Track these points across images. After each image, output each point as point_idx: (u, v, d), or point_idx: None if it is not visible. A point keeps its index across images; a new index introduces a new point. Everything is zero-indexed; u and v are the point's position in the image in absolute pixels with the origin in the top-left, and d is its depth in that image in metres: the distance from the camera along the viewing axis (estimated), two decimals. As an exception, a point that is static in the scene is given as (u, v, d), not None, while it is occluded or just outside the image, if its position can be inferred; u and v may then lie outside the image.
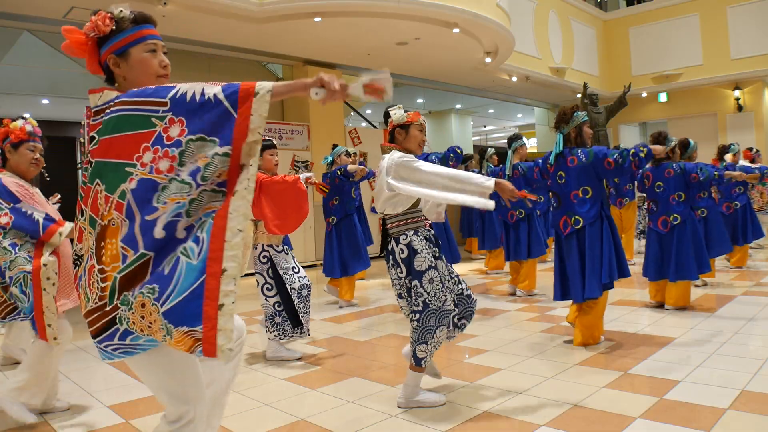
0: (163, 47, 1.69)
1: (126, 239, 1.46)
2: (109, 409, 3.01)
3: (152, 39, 1.67)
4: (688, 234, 4.59)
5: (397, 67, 10.18)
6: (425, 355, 2.77)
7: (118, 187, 1.47)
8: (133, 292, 1.43)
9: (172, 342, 1.38)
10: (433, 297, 2.74)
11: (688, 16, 12.34)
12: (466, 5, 7.46)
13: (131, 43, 1.64)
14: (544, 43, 11.51)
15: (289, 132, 8.95)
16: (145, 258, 1.44)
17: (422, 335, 2.75)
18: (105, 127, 1.53)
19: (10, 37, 7.49)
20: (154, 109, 1.47)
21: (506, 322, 4.69)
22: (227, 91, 1.45)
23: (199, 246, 1.40)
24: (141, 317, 1.41)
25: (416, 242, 2.79)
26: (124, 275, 1.45)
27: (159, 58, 1.67)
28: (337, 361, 3.79)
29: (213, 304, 1.36)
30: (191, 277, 1.38)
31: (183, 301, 1.37)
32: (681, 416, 2.52)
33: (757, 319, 4.30)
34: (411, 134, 2.89)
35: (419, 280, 2.75)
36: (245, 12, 6.71)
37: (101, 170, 1.51)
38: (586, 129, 3.82)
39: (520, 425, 2.55)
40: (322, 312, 5.53)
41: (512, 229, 5.75)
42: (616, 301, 5.25)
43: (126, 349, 1.51)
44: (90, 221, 1.54)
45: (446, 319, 2.77)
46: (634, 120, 14.00)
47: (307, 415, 2.79)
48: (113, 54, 1.64)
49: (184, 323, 1.37)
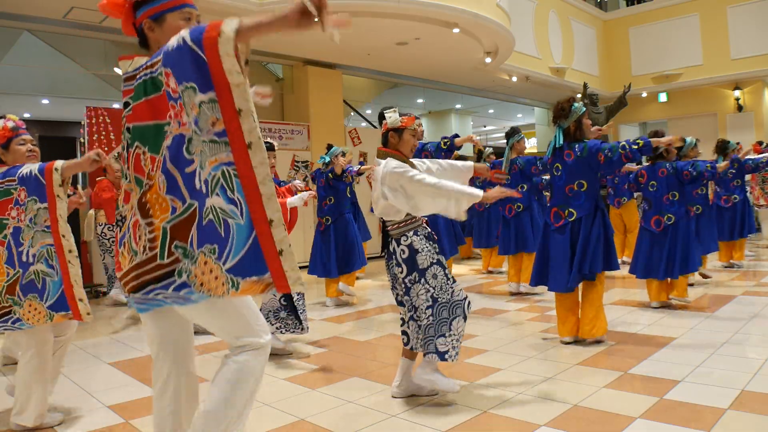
0: (198, 16, 1.71)
1: (171, 191, 1.52)
2: (109, 409, 3.01)
3: (188, 7, 1.68)
4: (681, 233, 4.60)
5: (397, 67, 10.19)
6: (447, 348, 2.78)
7: (161, 145, 1.53)
8: (191, 246, 1.50)
9: (239, 292, 1.47)
10: (440, 291, 2.79)
11: (688, 16, 12.34)
12: (466, 5, 7.46)
13: (168, 9, 1.65)
14: (544, 43, 11.51)
15: (289, 132, 8.95)
16: (192, 208, 1.50)
17: (438, 328, 2.78)
18: (137, 92, 1.56)
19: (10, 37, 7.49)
20: (158, 68, 1.51)
21: (506, 322, 4.69)
22: (194, 33, 1.45)
23: (239, 207, 1.45)
24: (203, 273, 1.49)
25: (417, 242, 2.82)
26: (173, 225, 1.52)
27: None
28: (337, 361, 3.79)
29: (273, 252, 1.45)
30: (243, 235, 1.45)
31: (244, 257, 1.45)
32: (681, 416, 2.52)
33: (757, 319, 4.30)
34: (404, 139, 2.91)
35: (423, 278, 2.79)
36: (245, 12, 6.70)
37: (142, 133, 1.55)
38: (586, 121, 3.82)
39: (520, 425, 2.55)
40: (322, 312, 5.53)
41: (512, 222, 5.75)
42: (616, 301, 5.25)
43: (176, 299, 1.57)
44: (136, 182, 1.59)
45: (459, 308, 2.81)
46: (634, 120, 14.00)
47: (307, 415, 2.79)
48: (149, 18, 1.65)
49: (252, 273, 1.46)
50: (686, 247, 4.58)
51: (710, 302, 5.00)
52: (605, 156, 3.58)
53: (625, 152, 3.53)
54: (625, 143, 3.57)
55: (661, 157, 4.76)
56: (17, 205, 2.64)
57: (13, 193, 2.65)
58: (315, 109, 9.23)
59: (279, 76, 9.94)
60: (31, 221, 2.63)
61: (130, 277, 1.63)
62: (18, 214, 2.63)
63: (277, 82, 9.94)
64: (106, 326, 5.22)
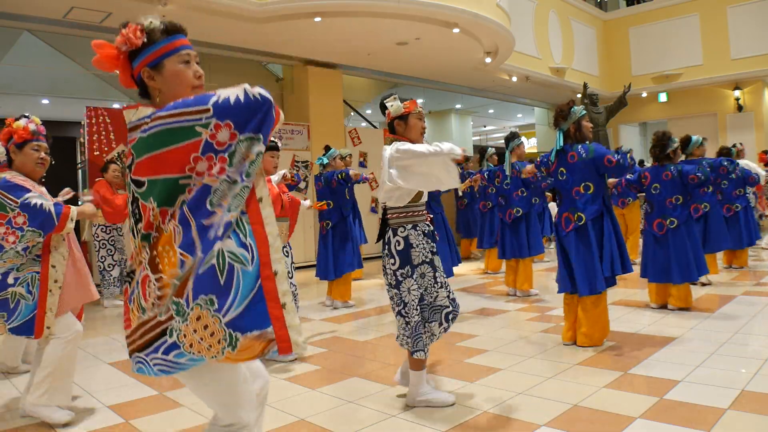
0: (195, 57, 1.65)
1: (184, 245, 1.44)
2: (109, 409, 3.01)
3: (185, 49, 1.62)
4: (684, 237, 4.58)
5: (397, 67, 10.18)
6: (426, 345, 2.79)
7: (177, 198, 1.46)
8: (186, 302, 1.41)
9: (236, 351, 1.38)
10: (425, 291, 2.77)
11: (688, 16, 12.34)
12: (466, 5, 7.46)
13: (165, 54, 1.59)
14: (544, 43, 11.52)
15: (289, 132, 8.95)
16: (196, 259, 1.43)
17: (416, 328, 2.76)
18: (143, 144, 1.48)
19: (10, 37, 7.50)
20: (197, 118, 1.44)
21: (506, 322, 4.69)
22: (265, 90, 1.49)
23: (250, 252, 1.41)
24: (194, 330, 1.40)
25: (413, 236, 2.80)
26: (181, 282, 1.44)
27: (193, 69, 1.63)
28: (337, 361, 3.79)
29: (276, 305, 1.41)
30: (250, 282, 1.40)
31: (248, 306, 1.39)
32: (681, 416, 2.52)
33: (757, 318, 4.30)
34: (410, 124, 2.88)
35: (412, 274, 2.77)
36: (245, 12, 6.71)
37: (155, 187, 1.48)
38: (585, 123, 3.82)
39: (520, 425, 2.55)
40: (322, 312, 5.53)
41: (509, 227, 5.75)
42: (617, 301, 5.25)
43: (165, 366, 1.47)
44: (143, 237, 1.52)
45: (438, 314, 2.78)
46: (634, 120, 14.01)
47: (307, 415, 2.79)
48: (147, 67, 1.59)
49: (254, 327, 1.39)
50: (687, 253, 4.55)
51: (710, 302, 5.00)
52: (617, 161, 3.62)
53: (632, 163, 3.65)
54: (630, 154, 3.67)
55: (668, 159, 4.74)
56: (8, 225, 2.62)
57: (9, 213, 2.63)
58: (315, 109, 9.23)
59: (279, 76, 9.94)
60: (25, 250, 2.68)
61: (137, 335, 1.53)
62: (5, 233, 2.62)
63: (277, 82, 9.94)
64: (106, 326, 5.22)
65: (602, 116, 11.25)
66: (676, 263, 4.56)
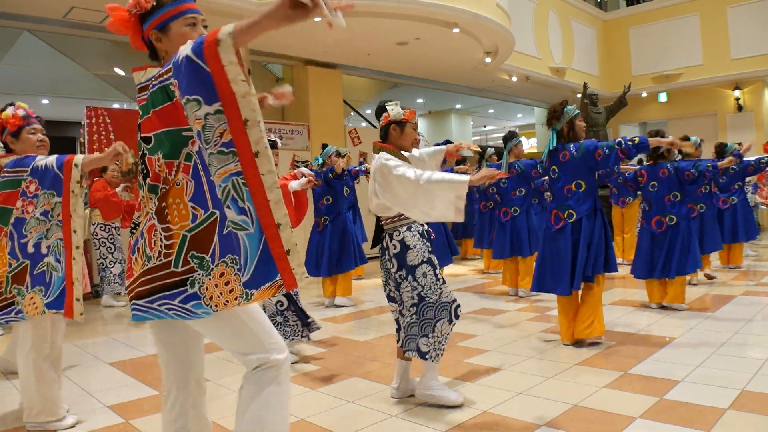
0: (203, 20, 1.70)
1: (195, 199, 1.52)
2: (109, 409, 3.01)
3: (192, 13, 1.67)
4: (682, 233, 4.59)
5: (397, 67, 10.18)
6: (428, 348, 2.74)
7: (180, 151, 1.53)
8: (212, 258, 1.50)
9: (251, 301, 1.48)
10: (428, 290, 2.75)
11: (688, 16, 12.34)
12: (466, 5, 7.46)
13: (171, 17, 1.65)
14: (544, 43, 11.52)
15: (289, 132, 8.95)
16: (213, 217, 1.50)
17: (422, 328, 2.75)
18: (150, 101, 1.56)
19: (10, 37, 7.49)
20: (169, 78, 1.51)
21: (506, 322, 4.69)
22: (195, 46, 1.44)
23: (249, 216, 1.46)
24: (216, 285, 1.49)
25: (409, 238, 2.79)
26: (194, 234, 1.51)
27: (199, 31, 1.67)
28: (337, 361, 3.79)
29: (282, 255, 1.46)
30: (255, 244, 1.46)
31: (257, 268, 1.46)
32: (681, 416, 2.52)
33: (756, 318, 4.30)
34: (406, 132, 2.88)
35: (413, 275, 2.76)
36: (245, 12, 6.71)
37: (158, 140, 1.56)
38: (578, 123, 3.82)
39: (520, 425, 2.55)
40: (322, 312, 5.53)
41: (507, 226, 5.75)
42: (617, 301, 5.25)
43: (181, 312, 1.55)
44: (150, 188, 1.59)
45: (445, 311, 2.75)
46: (634, 120, 14.01)
47: (307, 415, 2.79)
48: (155, 29, 1.66)
49: (265, 281, 1.47)
50: (685, 248, 4.57)
51: (710, 302, 5.00)
52: (603, 153, 3.60)
53: (621, 148, 3.55)
54: (622, 139, 3.59)
55: (662, 157, 4.75)
56: (23, 196, 2.58)
57: (22, 184, 2.58)
58: (315, 109, 9.23)
59: (279, 76, 9.94)
60: (45, 215, 2.59)
61: (139, 282, 1.60)
62: (23, 205, 2.58)
63: (277, 82, 9.94)
64: (105, 326, 5.22)
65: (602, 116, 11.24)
66: (675, 257, 4.56)
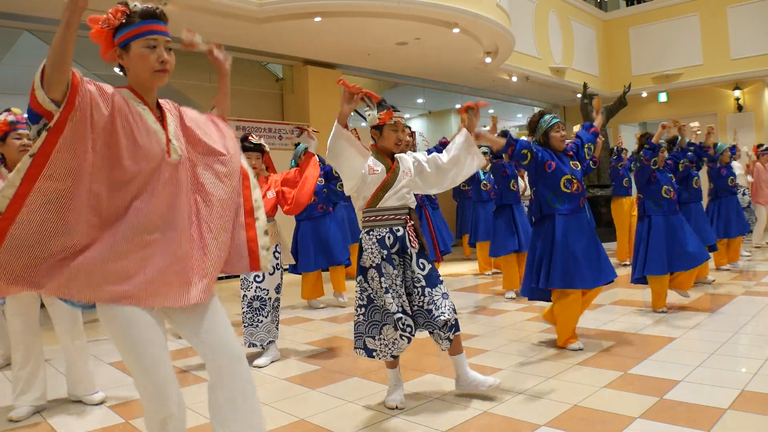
0: (167, 42, 1.73)
1: None
2: (109, 409, 3.01)
3: (154, 34, 1.69)
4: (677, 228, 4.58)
5: (397, 67, 10.18)
6: (375, 347, 2.78)
7: None
8: None
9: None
10: (375, 295, 2.77)
11: (688, 16, 12.34)
12: (466, 5, 7.47)
13: (132, 37, 1.68)
14: (544, 43, 11.52)
15: (289, 132, 8.95)
16: None
17: (369, 329, 2.79)
18: None
19: (10, 37, 7.49)
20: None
21: (506, 322, 4.69)
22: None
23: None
24: None
25: (365, 241, 2.81)
26: None
27: (158, 54, 1.70)
28: (337, 361, 3.79)
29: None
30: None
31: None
32: (681, 416, 2.52)
33: (757, 319, 4.30)
34: (384, 134, 2.86)
35: (364, 276, 2.79)
36: (245, 12, 6.71)
37: None
38: (553, 134, 3.75)
39: (520, 425, 2.55)
40: (321, 312, 5.53)
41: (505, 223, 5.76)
42: (617, 301, 5.25)
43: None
44: None
45: (390, 318, 2.71)
46: (634, 120, 14.00)
47: (307, 415, 2.79)
48: (118, 46, 1.70)
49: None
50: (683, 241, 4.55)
51: (710, 302, 5.00)
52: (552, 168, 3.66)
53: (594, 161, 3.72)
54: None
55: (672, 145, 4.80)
56: None
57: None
58: (315, 109, 9.23)
59: (279, 76, 9.94)
60: None
61: None
62: None
63: (277, 82, 9.94)
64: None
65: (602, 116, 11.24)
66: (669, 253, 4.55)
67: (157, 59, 1.70)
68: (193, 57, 8.37)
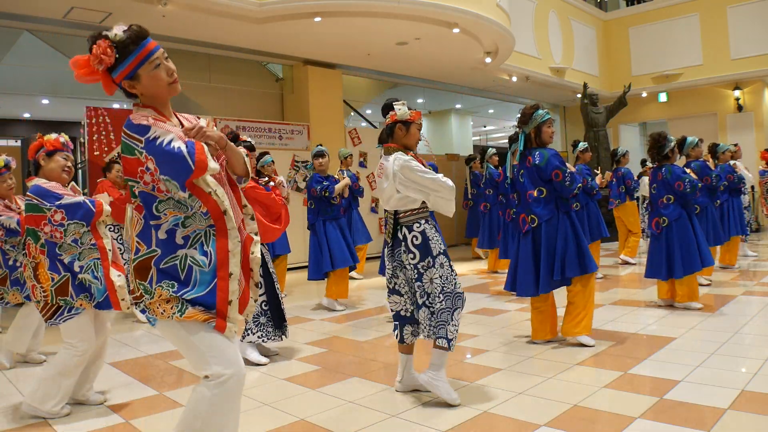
0: (164, 54, 1.78)
1: (141, 235, 1.78)
2: (109, 409, 3.01)
3: (154, 53, 1.75)
4: (678, 235, 4.59)
5: (397, 67, 10.18)
6: (453, 336, 2.80)
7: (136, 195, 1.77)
8: (151, 283, 1.76)
9: (183, 317, 1.72)
10: (446, 280, 2.84)
11: (688, 16, 12.34)
12: (466, 5, 7.46)
13: (138, 65, 1.73)
14: (544, 43, 11.51)
15: (289, 132, 8.95)
16: (154, 254, 1.75)
17: (439, 314, 2.79)
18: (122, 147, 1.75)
19: (10, 37, 7.50)
20: (136, 143, 1.70)
21: (506, 322, 4.69)
22: (191, 151, 1.68)
23: (209, 258, 1.75)
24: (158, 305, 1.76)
25: (428, 229, 2.90)
26: (136, 264, 1.77)
27: (166, 68, 1.77)
28: (338, 361, 3.79)
29: (224, 301, 1.75)
30: (206, 279, 1.74)
31: (202, 296, 1.73)
32: (681, 416, 2.52)
33: (757, 319, 4.30)
34: (411, 132, 2.97)
35: (434, 264, 2.84)
36: (245, 12, 6.71)
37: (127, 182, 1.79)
38: (545, 129, 3.80)
39: (520, 425, 2.55)
40: (321, 312, 5.53)
41: (510, 226, 5.76)
42: (617, 301, 5.25)
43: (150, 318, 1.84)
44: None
45: (460, 300, 2.85)
46: (634, 120, 14.01)
47: (307, 415, 2.79)
48: (125, 78, 1.75)
49: (201, 305, 1.74)
50: (686, 247, 4.56)
51: (710, 302, 5.00)
52: (563, 178, 3.66)
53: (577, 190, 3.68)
54: (578, 182, 3.72)
55: (666, 158, 4.74)
56: (51, 224, 2.88)
57: (46, 213, 2.87)
58: (315, 109, 9.23)
59: (279, 76, 9.94)
60: (76, 242, 2.91)
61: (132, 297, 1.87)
62: (52, 231, 2.88)
63: (277, 82, 9.94)
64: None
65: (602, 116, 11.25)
66: (678, 257, 4.56)
67: (167, 73, 1.77)
68: (193, 57, 8.38)
